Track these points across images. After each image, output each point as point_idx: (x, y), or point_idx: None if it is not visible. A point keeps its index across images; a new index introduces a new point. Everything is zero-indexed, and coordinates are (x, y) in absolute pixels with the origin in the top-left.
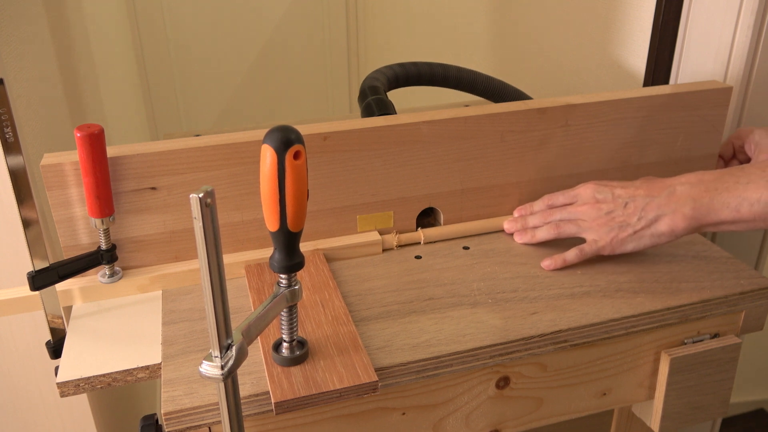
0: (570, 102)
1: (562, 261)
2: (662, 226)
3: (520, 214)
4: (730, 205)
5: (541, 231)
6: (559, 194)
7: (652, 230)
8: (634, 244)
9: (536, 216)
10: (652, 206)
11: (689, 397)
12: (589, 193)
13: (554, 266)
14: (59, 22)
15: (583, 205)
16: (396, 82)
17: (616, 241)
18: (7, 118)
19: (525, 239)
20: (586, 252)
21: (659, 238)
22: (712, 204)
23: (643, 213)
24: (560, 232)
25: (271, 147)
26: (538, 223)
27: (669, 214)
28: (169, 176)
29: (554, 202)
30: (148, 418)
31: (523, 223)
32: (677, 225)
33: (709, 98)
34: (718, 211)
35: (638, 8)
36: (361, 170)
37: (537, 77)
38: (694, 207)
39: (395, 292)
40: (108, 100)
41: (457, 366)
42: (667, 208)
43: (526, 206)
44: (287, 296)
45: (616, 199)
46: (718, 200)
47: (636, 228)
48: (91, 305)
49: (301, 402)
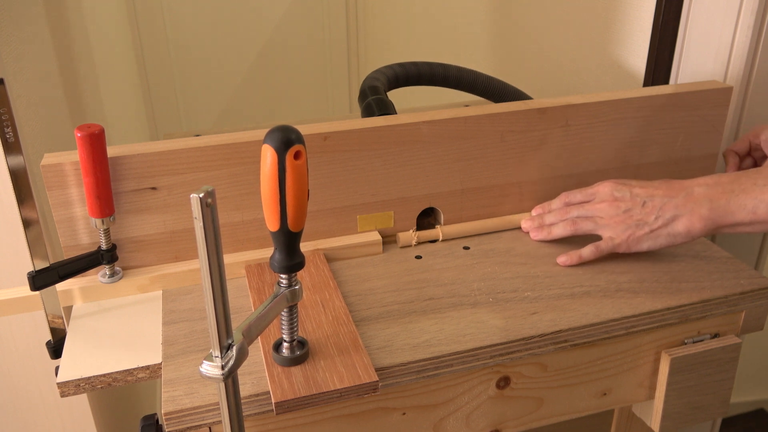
0: (570, 102)
1: (578, 257)
2: (679, 226)
3: (538, 212)
4: (746, 206)
5: (557, 228)
6: (577, 192)
7: (668, 230)
8: (650, 242)
9: (553, 213)
10: (669, 206)
11: (689, 397)
12: (608, 191)
13: (570, 262)
14: (59, 22)
15: (601, 203)
16: (396, 82)
17: (633, 239)
18: (8, 118)
19: (541, 236)
20: (603, 249)
21: (675, 238)
22: (728, 206)
23: (661, 212)
24: (577, 229)
25: (272, 147)
26: (555, 220)
27: (686, 215)
28: (169, 176)
29: (571, 200)
30: (148, 418)
31: (540, 221)
32: (694, 226)
33: (709, 98)
34: (735, 213)
35: (638, 8)
36: (361, 170)
37: (537, 77)
38: (711, 208)
39: (395, 292)
40: (108, 100)
41: (458, 366)
42: (684, 208)
43: (544, 205)
44: (287, 296)
45: (635, 197)
46: (735, 202)
47: (653, 227)
48: (92, 305)
49: (301, 402)
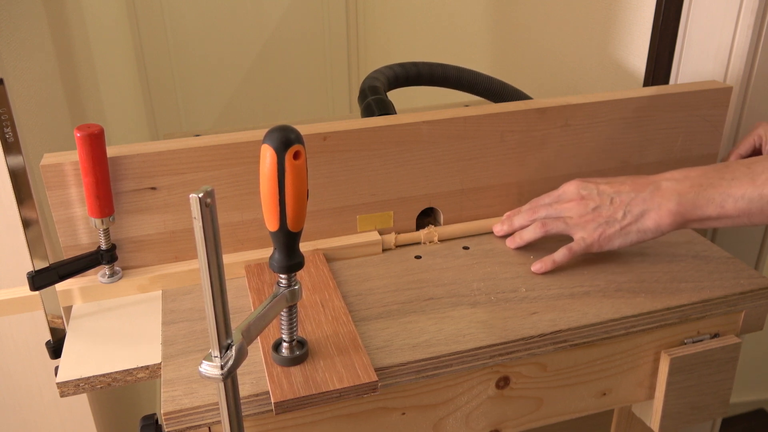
0: (570, 102)
1: (552, 262)
2: (648, 221)
3: (508, 216)
4: (714, 201)
5: (527, 231)
6: (545, 196)
7: (638, 226)
8: (620, 240)
9: (522, 215)
10: (637, 201)
11: (689, 397)
12: (574, 189)
13: (545, 269)
14: (59, 22)
15: (568, 202)
16: (396, 82)
17: (604, 238)
18: (7, 118)
19: (515, 243)
20: (575, 250)
21: (645, 234)
22: (697, 200)
23: (629, 208)
24: (547, 230)
25: (271, 147)
26: (525, 222)
27: (654, 210)
28: (169, 176)
29: (540, 203)
30: (148, 418)
31: (509, 224)
32: (663, 220)
33: (709, 98)
34: (703, 207)
35: (638, 8)
36: (361, 170)
37: (537, 77)
38: (679, 202)
39: (395, 292)
40: (108, 100)
41: (457, 366)
42: (652, 203)
43: (513, 210)
44: (287, 296)
45: (602, 194)
46: (703, 196)
47: (622, 224)
48: (91, 305)
49: (301, 402)
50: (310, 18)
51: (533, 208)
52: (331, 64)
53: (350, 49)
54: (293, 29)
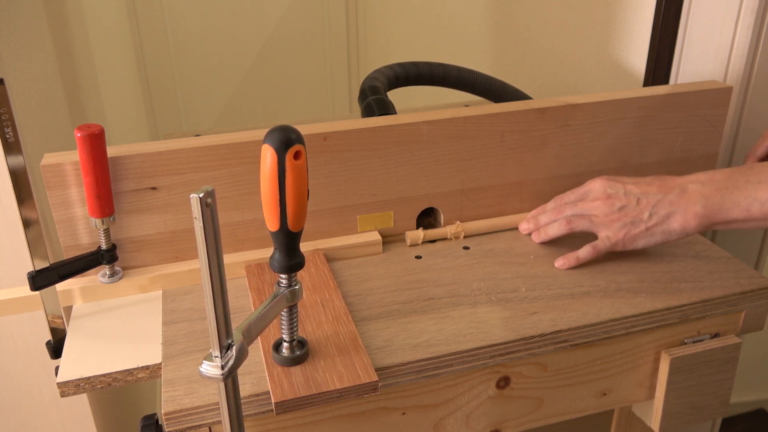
0: (570, 102)
1: (575, 259)
2: (674, 223)
3: (533, 214)
4: (740, 204)
5: (552, 227)
6: (569, 193)
7: (663, 227)
8: (645, 240)
9: (547, 214)
10: (664, 203)
11: (689, 397)
12: (600, 188)
13: (568, 265)
14: (59, 22)
15: (594, 201)
16: (396, 82)
17: (628, 238)
18: (7, 118)
19: (540, 238)
20: (600, 249)
21: (670, 235)
22: (723, 203)
23: (655, 209)
24: (572, 228)
25: (272, 147)
26: (549, 220)
27: (680, 212)
28: (169, 176)
29: (565, 200)
30: (148, 418)
31: (535, 222)
32: (689, 223)
33: (709, 98)
34: (729, 210)
35: (638, 8)
36: (361, 170)
37: (537, 77)
38: (705, 205)
39: (395, 292)
40: (108, 100)
41: (458, 366)
42: (678, 205)
43: (540, 207)
44: (287, 296)
45: (628, 194)
46: (729, 199)
47: (648, 225)
48: (92, 305)
49: (301, 402)
50: (310, 18)
51: (558, 207)
52: (331, 64)
53: (350, 49)
54: (293, 29)
